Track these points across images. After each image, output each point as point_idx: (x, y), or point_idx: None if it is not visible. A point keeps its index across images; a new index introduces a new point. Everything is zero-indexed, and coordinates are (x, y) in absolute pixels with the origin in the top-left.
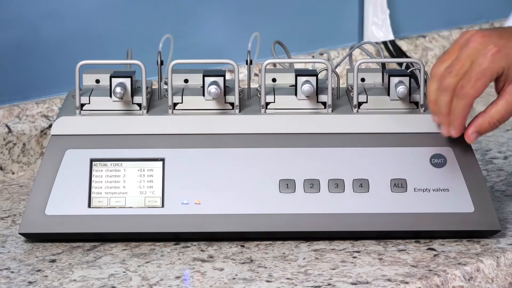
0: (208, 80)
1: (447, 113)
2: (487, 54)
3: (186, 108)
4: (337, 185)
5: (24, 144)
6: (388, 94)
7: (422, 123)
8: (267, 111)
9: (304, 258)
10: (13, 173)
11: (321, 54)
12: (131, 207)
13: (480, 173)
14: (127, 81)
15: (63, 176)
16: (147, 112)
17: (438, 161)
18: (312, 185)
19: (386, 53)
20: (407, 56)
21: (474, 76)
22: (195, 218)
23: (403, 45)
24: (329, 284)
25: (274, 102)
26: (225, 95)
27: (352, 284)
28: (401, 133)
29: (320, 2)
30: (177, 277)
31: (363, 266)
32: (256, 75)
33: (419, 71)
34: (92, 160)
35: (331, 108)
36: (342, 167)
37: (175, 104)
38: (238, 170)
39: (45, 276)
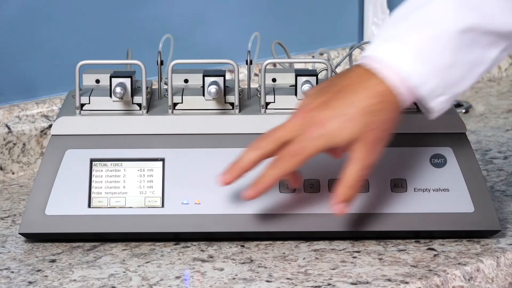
0: (208, 80)
1: (246, 168)
2: (305, 134)
3: (186, 108)
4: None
5: (24, 144)
6: None
7: (422, 123)
8: (267, 111)
9: (304, 258)
10: (13, 173)
11: (321, 54)
12: (131, 207)
13: (480, 173)
14: (127, 81)
15: (63, 176)
16: (147, 112)
17: (438, 161)
18: (312, 185)
19: None
20: None
21: (292, 151)
22: (195, 218)
23: None
24: (329, 284)
25: (274, 102)
26: (225, 95)
27: (352, 284)
28: (401, 133)
29: (320, 2)
30: (177, 277)
31: (363, 266)
32: (256, 75)
33: None
34: (92, 160)
35: None
36: (342, 167)
37: (175, 104)
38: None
39: (45, 276)
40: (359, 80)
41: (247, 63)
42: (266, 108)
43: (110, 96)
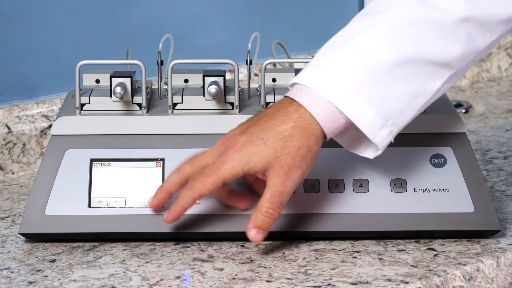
0: (208, 80)
1: (170, 191)
2: (221, 157)
3: (186, 108)
4: (337, 185)
5: (24, 144)
6: None
7: (422, 123)
8: None
9: (304, 258)
10: (13, 173)
11: None
12: (131, 207)
13: (480, 173)
14: (127, 81)
15: (63, 176)
16: (147, 112)
17: (438, 161)
18: (312, 185)
19: None
20: None
21: (206, 173)
22: (195, 218)
23: None
24: (329, 284)
25: (274, 102)
26: (225, 95)
27: (352, 284)
28: (401, 133)
29: (320, 2)
30: (177, 277)
31: (363, 266)
32: (256, 75)
33: None
34: (92, 160)
35: None
36: (342, 167)
37: (175, 104)
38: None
39: (45, 276)
40: (281, 107)
41: (247, 63)
42: (266, 108)
43: (110, 96)
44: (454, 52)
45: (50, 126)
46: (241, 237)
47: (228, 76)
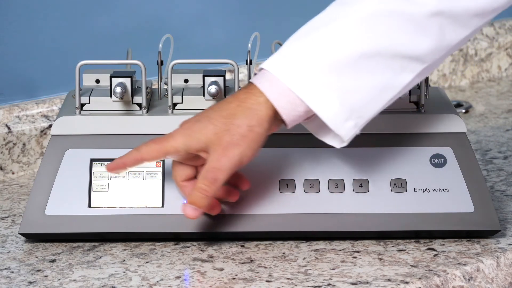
0: (208, 80)
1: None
2: (173, 131)
3: (186, 108)
4: (337, 185)
5: (24, 144)
6: None
7: (422, 123)
8: None
9: (304, 258)
10: (13, 173)
11: None
12: (131, 207)
13: (480, 173)
14: (127, 81)
15: (63, 176)
16: (147, 112)
17: (438, 161)
18: (312, 185)
19: None
20: None
21: (154, 140)
22: None
23: None
24: (329, 284)
25: None
26: (225, 95)
27: (352, 284)
28: (401, 133)
29: (320, 2)
30: (177, 277)
31: (363, 266)
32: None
33: None
34: (92, 160)
35: None
36: (342, 167)
37: (175, 104)
38: (238, 170)
39: (45, 276)
40: (240, 91)
41: (247, 63)
42: None
43: (110, 96)
44: (425, 46)
45: (50, 126)
46: (241, 237)
47: (228, 76)
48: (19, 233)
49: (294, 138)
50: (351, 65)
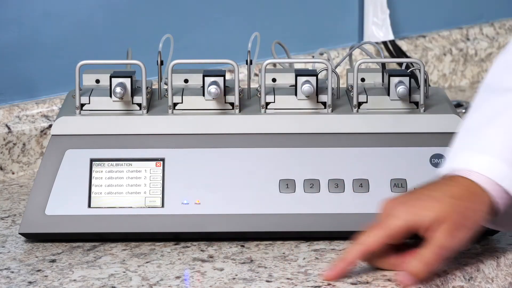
0: (208, 80)
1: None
2: (391, 211)
3: (186, 108)
4: (337, 185)
5: (24, 144)
6: (388, 94)
7: (422, 123)
8: (267, 111)
9: (304, 258)
10: (13, 173)
11: (321, 54)
12: (131, 207)
13: None
14: (127, 81)
15: (63, 176)
16: (147, 112)
17: (438, 161)
18: (312, 185)
19: (386, 53)
20: (407, 56)
21: (373, 226)
22: (195, 218)
23: (403, 45)
24: (329, 284)
25: (274, 102)
26: (225, 95)
27: (352, 284)
28: (401, 133)
29: (320, 2)
30: (177, 277)
31: (363, 266)
32: (256, 75)
33: (419, 71)
34: (92, 160)
35: (331, 108)
36: (342, 167)
37: (175, 104)
38: (238, 170)
39: (45, 276)
40: (442, 182)
41: (247, 63)
42: (266, 108)
43: (110, 96)
44: None
45: (50, 126)
46: (241, 237)
47: (228, 76)
48: (19, 233)
49: (294, 138)
50: None
